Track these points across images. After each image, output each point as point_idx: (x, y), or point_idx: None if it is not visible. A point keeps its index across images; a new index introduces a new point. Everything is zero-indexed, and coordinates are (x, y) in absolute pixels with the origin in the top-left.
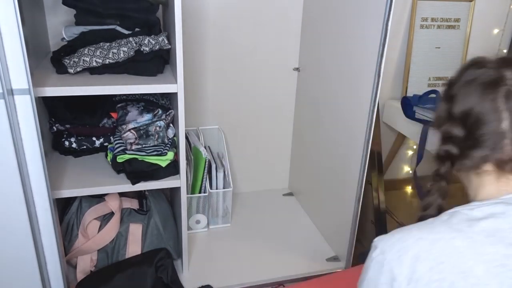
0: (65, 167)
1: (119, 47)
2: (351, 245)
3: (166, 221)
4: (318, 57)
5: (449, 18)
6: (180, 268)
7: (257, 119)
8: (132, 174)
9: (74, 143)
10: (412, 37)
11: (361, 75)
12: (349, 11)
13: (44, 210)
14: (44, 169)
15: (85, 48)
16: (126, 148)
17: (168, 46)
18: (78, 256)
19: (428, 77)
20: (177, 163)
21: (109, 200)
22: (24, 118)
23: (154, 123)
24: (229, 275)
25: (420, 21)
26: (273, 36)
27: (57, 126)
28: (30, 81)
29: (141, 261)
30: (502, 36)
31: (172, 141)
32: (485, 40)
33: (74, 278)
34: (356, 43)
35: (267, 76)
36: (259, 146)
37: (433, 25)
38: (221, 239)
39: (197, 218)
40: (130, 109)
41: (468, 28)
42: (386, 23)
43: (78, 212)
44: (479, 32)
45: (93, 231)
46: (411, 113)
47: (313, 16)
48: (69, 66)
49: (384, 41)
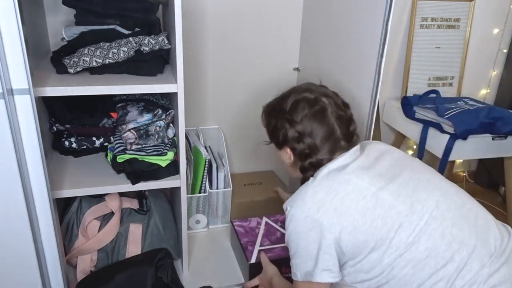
0: (65, 167)
1: (119, 47)
2: None
3: (166, 221)
4: (318, 57)
5: (449, 18)
6: (180, 268)
7: (257, 119)
8: (132, 174)
9: (74, 143)
10: (412, 37)
11: (361, 75)
12: (349, 11)
13: (44, 210)
14: (44, 169)
15: (85, 48)
16: (126, 148)
17: (168, 46)
18: (78, 256)
19: (428, 77)
20: (177, 163)
21: (109, 200)
22: (24, 118)
23: (154, 123)
24: (229, 275)
25: (420, 21)
26: (273, 36)
27: (57, 126)
28: (30, 81)
29: (141, 261)
30: (502, 36)
31: (172, 141)
32: (485, 40)
33: (74, 278)
34: (356, 43)
35: (267, 76)
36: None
37: (433, 25)
38: (221, 239)
39: (197, 218)
40: (130, 109)
41: (468, 28)
42: (386, 23)
43: (78, 212)
44: (479, 32)
45: (93, 231)
46: (411, 113)
47: (313, 16)
48: (69, 66)
49: (384, 41)
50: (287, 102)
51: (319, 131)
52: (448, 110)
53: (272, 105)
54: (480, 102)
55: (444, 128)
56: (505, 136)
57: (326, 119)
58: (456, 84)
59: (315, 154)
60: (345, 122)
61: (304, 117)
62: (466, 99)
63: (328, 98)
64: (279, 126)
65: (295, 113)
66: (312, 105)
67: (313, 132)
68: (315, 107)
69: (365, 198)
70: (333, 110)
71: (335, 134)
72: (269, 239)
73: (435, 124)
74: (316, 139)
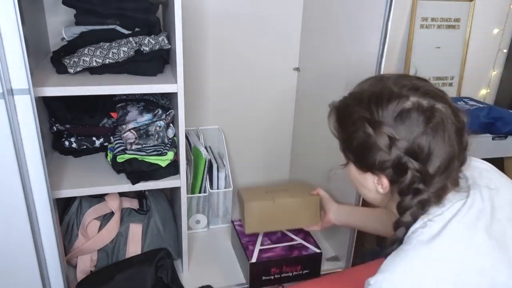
0: (65, 167)
1: (119, 47)
2: (351, 245)
3: (166, 221)
4: (318, 57)
5: (449, 18)
6: (180, 268)
7: (257, 119)
8: (132, 174)
9: (74, 143)
10: (412, 37)
11: (361, 75)
12: (349, 11)
13: (44, 210)
14: (44, 169)
15: (85, 48)
16: (126, 148)
17: (168, 46)
18: (78, 256)
19: (428, 77)
20: (177, 163)
21: (109, 200)
22: (24, 118)
23: (154, 123)
24: (229, 275)
25: (420, 21)
26: (273, 36)
27: (57, 126)
28: (30, 81)
29: (141, 261)
30: (502, 36)
31: (172, 141)
32: (485, 40)
33: (74, 278)
34: (356, 43)
35: (267, 76)
36: (259, 146)
37: (433, 25)
38: (221, 239)
39: (197, 218)
40: (130, 109)
41: (468, 28)
42: (386, 23)
43: (78, 212)
44: (479, 32)
45: (93, 231)
46: None
47: (313, 16)
48: (69, 66)
49: (384, 41)
50: (387, 109)
51: (440, 153)
52: None
53: (358, 111)
54: (480, 102)
55: None
56: (505, 136)
57: (444, 135)
58: (456, 84)
59: (428, 186)
60: (461, 137)
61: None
62: (466, 99)
63: (444, 103)
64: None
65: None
66: (430, 117)
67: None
68: (433, 120)
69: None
70: (451, 121)
71: (454, 159)
72: (270, 239)
73: None
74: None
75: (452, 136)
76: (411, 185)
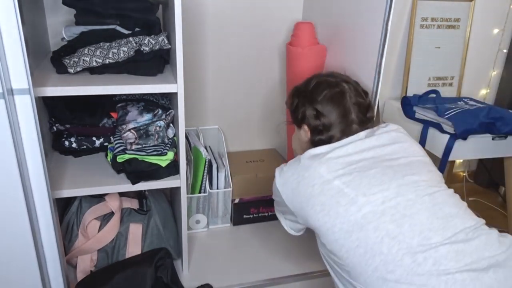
0: (65, 167)
1: (119, 47)
2: None
3: (166, 221)
4: None
5: (449, 18)
6: (180, 268)
7: (257, 119)
8: (132, 174)
9: (74, 143)
10: (412, 37)
11: (361, 75)
12: (349, 11)
13: (44, 210)
14: (44, 169)
15: (85, 48)
16: (126, 148)
17: (168, 46)
18: (78, 256)
19: (428, 77)
20: (177, 163)
21: (109, 200)
22: (24, 118)
23: (154, 123)
24: (229, 275)
25: (420, 21)
26: (273, 36)
27: (57, 126)
28: (30, 81)
29: (141, 261)
30: (502, 36)
31: (172, 141)
32: (485, 40)
33: (74, 278)
34: (356, 43)
35: (267, 76)
36: (259, 146)
37: (433, 25)
38: (221, 239)
39: (197, 218)
40: (130, 109)
41: (468, 28)
42: (386, 23)
43: (78, 212)
44: (479, 32)
45: (93, 231)
46: (411, 113)
47: (313, 16)
48: (69, 66)
49: (384, 41)
50: (310, 84)
51: (335, 111)
52: (448, 110)
53: (296, 87)
54: (480, 102)
55: (444, 128)
56: (505, 136)
57: (344, 101)
58: (456, 84)
59: (327, 131)
60: (363, 108)
61: (323, 98)
62: (466, 99)
63: (349, 84)
64: (300, 105)
65: (315, 93)
66: (333, 88)
67: (329, 111)
68: (335, 89)
69: (313, 186)
70: (352, 95)
71: (349, 116)
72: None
73: (435, 124)
74: (331, 118)
75: (348, 104)
76: (317, 128)
